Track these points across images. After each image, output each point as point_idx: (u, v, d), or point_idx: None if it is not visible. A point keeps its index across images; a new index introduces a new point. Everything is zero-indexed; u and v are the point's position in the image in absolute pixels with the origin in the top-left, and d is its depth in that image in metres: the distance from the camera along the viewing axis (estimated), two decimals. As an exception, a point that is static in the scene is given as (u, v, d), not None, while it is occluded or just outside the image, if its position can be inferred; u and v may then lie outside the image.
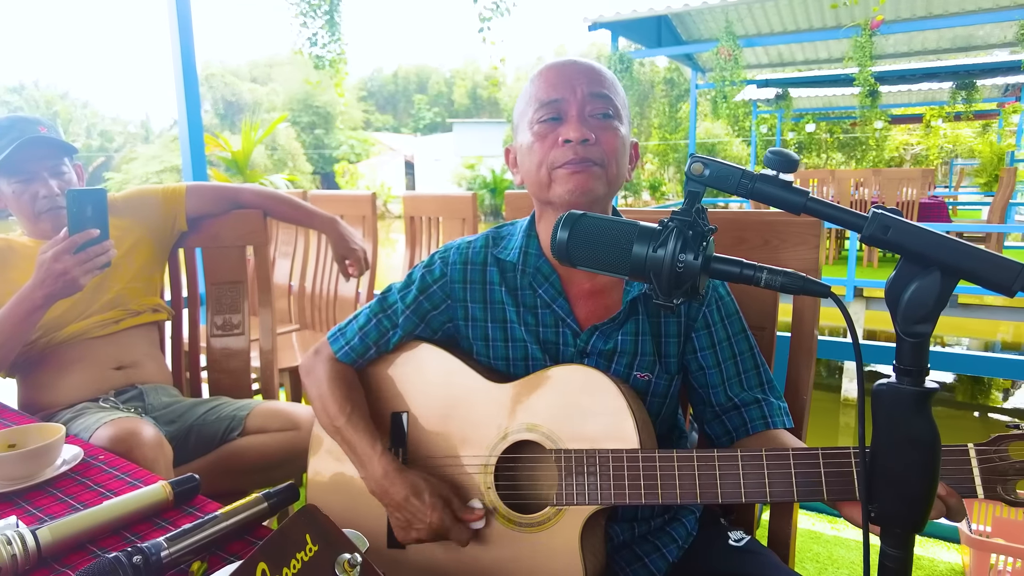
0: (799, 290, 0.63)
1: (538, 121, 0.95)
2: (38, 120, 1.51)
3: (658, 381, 1.01)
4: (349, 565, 0.40)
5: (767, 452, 0.83)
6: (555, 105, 0.94)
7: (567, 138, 0.92)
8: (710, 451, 0.85)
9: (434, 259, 1.08)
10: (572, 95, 0.94)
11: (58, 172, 1.50)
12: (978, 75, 11.47)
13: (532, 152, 0.96)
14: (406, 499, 0.94)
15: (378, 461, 0.97)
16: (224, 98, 40.46)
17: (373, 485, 0.98)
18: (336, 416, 1.02)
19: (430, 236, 2.89)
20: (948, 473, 0.77)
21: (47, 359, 1.48)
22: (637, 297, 0.98)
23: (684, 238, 0.64)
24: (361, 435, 1.00)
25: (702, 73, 11.05)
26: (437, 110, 51.11)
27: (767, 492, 0.82)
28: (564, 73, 0.96)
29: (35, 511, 0.91)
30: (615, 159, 0.95)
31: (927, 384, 0.59)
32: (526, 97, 0.99)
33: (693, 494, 0.84)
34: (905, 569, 0.62)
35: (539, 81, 0.97)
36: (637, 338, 0.99)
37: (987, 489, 0.76)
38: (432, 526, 0.93)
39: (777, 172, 0.61)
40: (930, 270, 0.57)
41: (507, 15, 5.31)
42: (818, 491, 0.80)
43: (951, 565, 1.98)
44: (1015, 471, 0.75)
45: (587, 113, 0.94)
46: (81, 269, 1.29)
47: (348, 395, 1.04)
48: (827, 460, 0.80)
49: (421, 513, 0.93)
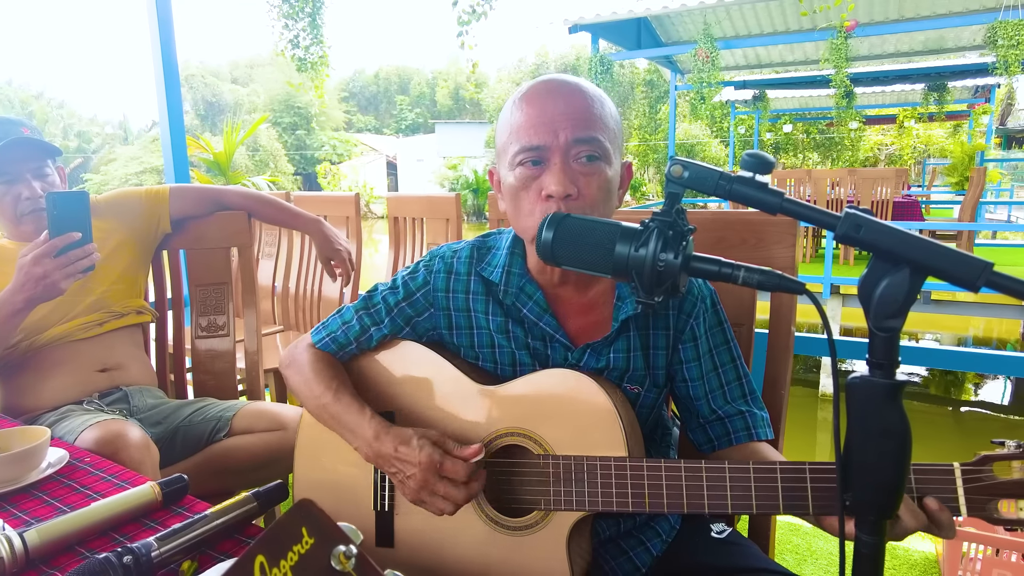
0: (775, 287, 0.65)
1: (519, 164, 0.92)
2: (21, 121, 1.50)
3: (647, 394, 1.01)
4: (345, 557, 0.41)
5: (755, 465, 0.84)
6: (536, 152, 0.90)
7: (549, 193, 0.89)
8: (698, 463, 0.85)
9: (418, 267, 1.07)
10: (555, 140, 0.89)
11: (41, 174, 1.49)
12: (949, 77, 11.75)
13: (515, 199, 0.94)
14: (396, 450, 0.92)
15: (368, 425, 0.96)
16: (205, 99, 39.93)
17: (366, 449, 0.95)
18: (322, 394, 1.01)
19: (414, 237, 2.89)
20: (933, 492, 0.77)
21: (29, 362, 1.47)
22: (629, 317, 0.97)
23: (665, 238, 0.66)
24: (348, 406, 0.99)
25: (681, 75, 11.16)
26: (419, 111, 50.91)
27: (753, 504, 0.83)
28: (547, 111, 0.90)
29: (21, 514, 0.90)
30: (601, 205, 0.92)
31: (898, 377, 0.61)
32: (508, 126, 0.94)
33: (680, 504, 0.85)
34: (879, 554, 0.64)
35: (520, 115, 0.92)
36: (629, 355, 0.99)
37: (971, 508, 0.76)
38: (423, 465, 0.89)
39: (754, 174, 0.63)
40: (900, 267, 0.59)
41: (484, 18, 5.31)
42: (803, 505, 0.81)
43: (925, 554, 2.03)
44: (999, 491, 0.76)
45: (572, 158, 0.90)
46: (62, 273, 1.27)
47: (332, 374, 1.03)
48: (814, 475, 0.81)
49: (411, 457, 0.90)
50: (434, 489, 0.90)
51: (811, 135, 19.89)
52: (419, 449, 0.90)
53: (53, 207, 1.26)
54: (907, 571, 1.96)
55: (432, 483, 0.90)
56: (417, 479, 0.90)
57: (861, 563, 0.65)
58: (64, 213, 1.27)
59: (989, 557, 1.80)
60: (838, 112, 8.78)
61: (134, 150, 31.43)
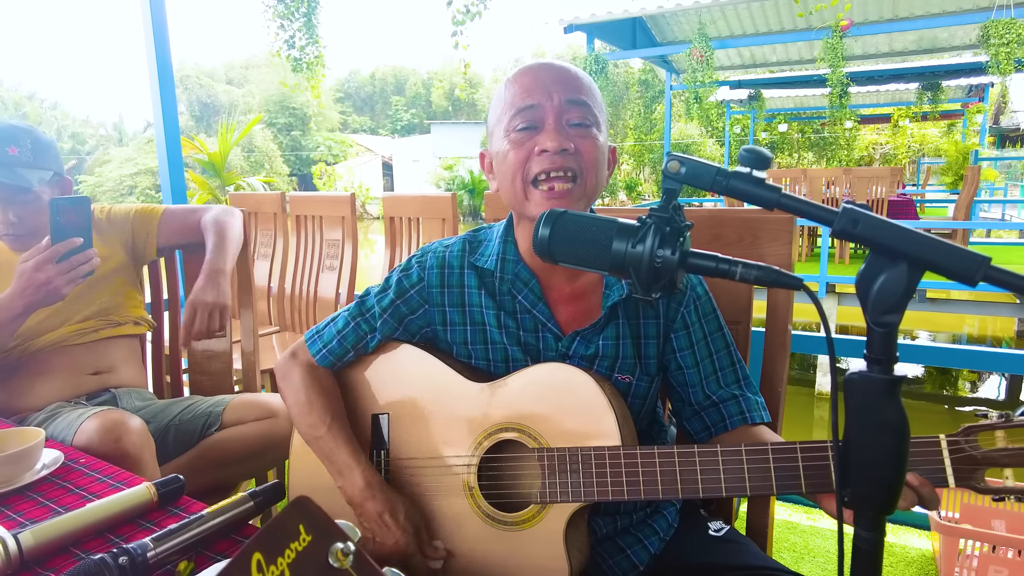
0: (773, 283, 0.65)
1: (514, 129, 0.93)
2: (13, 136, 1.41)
3: (639, 383, 1.02)
4: (343, 554, 0.41)
5: (747, 447, 0.84)
6: (531, 112, 0.92)
7: (544, 148, 0.91)
8: (691, 447, 0.86)
9: (411, 263, 1.07)
10: (549, 101, 0.92)
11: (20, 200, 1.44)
12: (943, 76, 11.80)
13: (507, 161, 0.95)
14: (380, 515, 0.95)
15: (360, 473, 0.98)
16: (199, 100, 39.84)
17: (352, 494, 0.98)
18: (316, 426, 1.01)
19: (410, 237, 2.88)
20: (920, 464, 0.78)
21: (22, 365, 1.46)
22: (617, 302, 0.98)
23: (662, 234, 0.66)
24: (342, 446, 1.00)
25: (676, 74, 11.18)
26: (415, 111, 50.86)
27: (747, 486, 0.84)
28: (540, 78, 0.93)
29: (15, 516, 0.90)
30: (594, 170, 0.94)
31: (896, 372, 0.61)
32: (501, 102, 0.97)
33: (675, 489, 0.86)
34: (877, 549, 0.64)
35: (514, 86, 0.95)
36: (618, 342, 1.00)
37: (958, 478, 0.78)
38: (399, 546, 0.95)
39: (751, 169, 0.63)
40: (897, 262, 0.59)
41: (479, 18, 5.31)
42: (796, 484, 0.82)
43: (922, 551, 2.03)
44: (984, 460, 0.77)
45: (564, 121, 0.93)
46: (64, 279, 1.27)
47: (327, 404, 1.03)
48: (805, 454, 0.82)
49: (391, 532, 0.95)
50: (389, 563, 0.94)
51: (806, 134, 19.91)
52: (402, 532, 0.95)
53: (56, 213, 1.26)
54: (904, 568, 1.96)
55: (392, 557, 0.96)
56: (384, 549, 0.95)
57: (860, 559, 0.64)
58: (66, 219, 1.27)
59: (986, 554, 1.81)
60: (833, 111, 8.81)
61: (128, 151, 31.35)
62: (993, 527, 1.99)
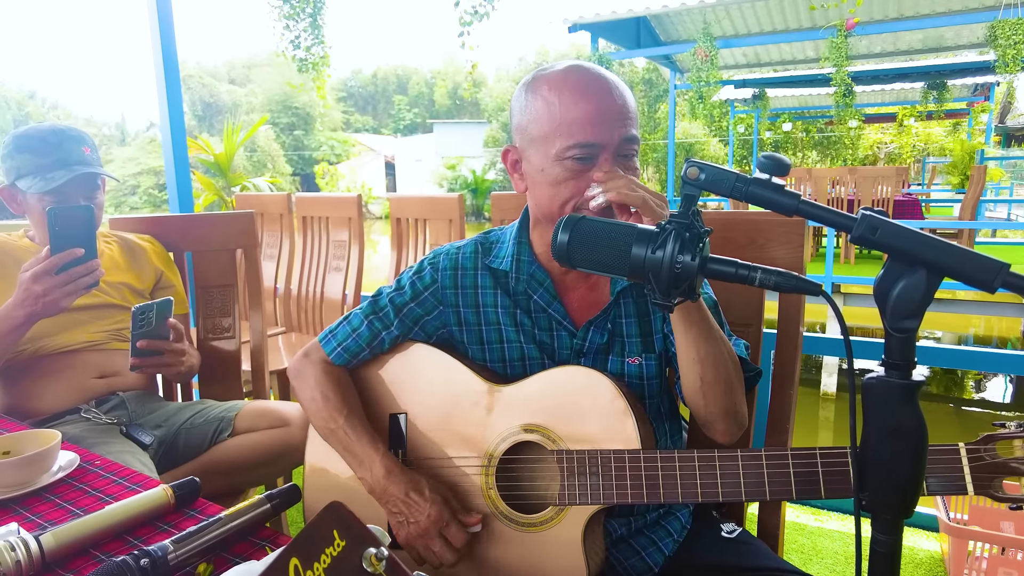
0: (792, 289, 0.65)
1: (571, 158, 0.92)
2: (82, 138, 1.47)
3: (648, 363, 1.03)
4: (376, 559, 0.42)
5: (767, 452, 0.85)
6: (592, 149, 0.92)
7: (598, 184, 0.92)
8: (711, 451, 0.87)
9: (424, 265, 1.08)
10: (610, 140, 0.92)
11: (91, 197, 1.47)
12: (948, 75, 11.75)
13: (558, 186, 0.94)
14: (407, 494, 0.95)
15: (380, 461, 0.98)
16: (202, 99, 39.91)
17: (373, 483, 0.98)
18: (332, 418, 1.02)
19: (416, 237, 2.89)
20: (940, 471, 0.80)
21: (31, 368, 1.45)
22: (625, 287, 1.01)
23: (682, 240, 0.66)
24: (360, 436, 1.00)
25: (680, 74, 11.16)
26: (417, 111, 50.86)
27: (767, 491, 0.84)
28: (603, 112, 0.91)
29: (34, 517, 0.90)
30: None
31: (914, 377, 0.61)
32: (553, 116, 0.93)
33: (695, 493, 0.86)
34: (895, 553, 0.64)
35: (572, 107, 0.91)
36: (623, 320, 1.02)
37: (977, 486, 0.79)
38: (431, 518, 0.94)
39: (770, 176, 0.64)
40: (916, 268, 0.60)
41: (486, 19, 5.31)
42: (815, 489, 0.83)
43: (931, 553, 2.03)
44: (1003, 469, 0.79)
45: (617, 155, 0.93)
46: (62, 291, 1.24)
47: (343, 397, 1.04)
48: (824, 460, 0.83)
49: (421, 507, 0.94)
50: (430, 543, 0.95)
51: (810, 134, 19.90)
52: (431, 502, 0.94)
53: (55, 222, 1.21)
54: (913, 570, 1.96)
55: (431, 537, 0.94)
56: (420, 527, 0.94)
57: (877, 562, 0.65)
58: (66, 229, 1.22)
59: (995, 556, 1.81)
60: (837, 111, 8.76)
61: (131, 151, 31.46)
62: (1002, 529, 1.99)
